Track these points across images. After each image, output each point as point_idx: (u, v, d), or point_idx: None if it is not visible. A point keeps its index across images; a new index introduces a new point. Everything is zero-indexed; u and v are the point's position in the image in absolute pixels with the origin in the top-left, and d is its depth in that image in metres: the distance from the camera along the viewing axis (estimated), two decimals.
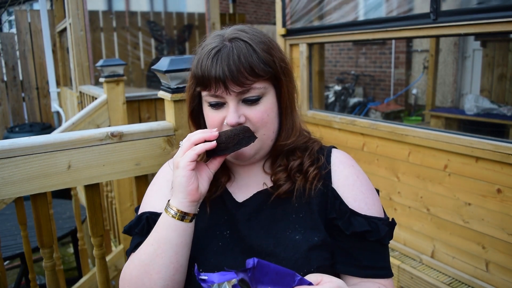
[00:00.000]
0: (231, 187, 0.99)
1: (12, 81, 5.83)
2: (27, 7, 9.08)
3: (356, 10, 2.82)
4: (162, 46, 5.05)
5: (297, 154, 0.96)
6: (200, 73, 0.87)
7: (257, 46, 0.87)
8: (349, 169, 0.97)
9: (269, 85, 0.90)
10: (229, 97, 0.87)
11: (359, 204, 0.92)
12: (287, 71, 0.93)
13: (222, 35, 0.90)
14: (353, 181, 0.95)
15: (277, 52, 0.91)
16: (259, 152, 0.93)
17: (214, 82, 0.85)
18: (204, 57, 0.87)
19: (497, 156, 1.88)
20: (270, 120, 0.91)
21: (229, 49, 0.86)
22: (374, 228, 0.89)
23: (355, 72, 7.18)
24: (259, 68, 0.86)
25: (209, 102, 0.90)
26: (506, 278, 1.94)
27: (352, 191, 0.93)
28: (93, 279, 2.46)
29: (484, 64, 4.39)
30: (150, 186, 1.06)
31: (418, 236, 2.35)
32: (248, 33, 0.89)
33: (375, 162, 2.54)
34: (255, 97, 0.88)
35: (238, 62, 0.84)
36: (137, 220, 0.98)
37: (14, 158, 1.15)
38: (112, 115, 2.93)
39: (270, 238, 0.89)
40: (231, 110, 0.87)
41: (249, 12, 10.67)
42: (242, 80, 0.84)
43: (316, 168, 0.94)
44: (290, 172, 0.94)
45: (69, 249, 4.14)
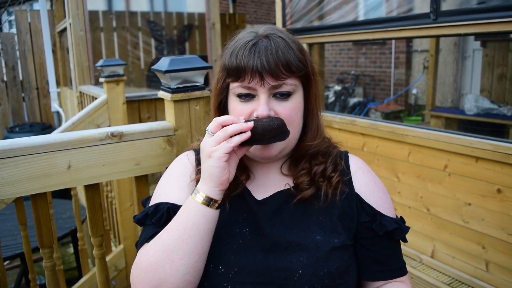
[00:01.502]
0: (250, 186, 0.99)
1: (12, 81, 5.83)
2: (27, 7, 9.08)
3: (356, 10, 2.82)
4: (162, 46, 5.05)
5: (319, 158, 0.97)
6: (234, 63, 0.88)
7: (292, 44, 0.90)
8: (368, 176, 0.99)
9: (299, 84, 0.92)
10: (261, 90, 0.87)
11: (378, 207, 0.96)
12: (315, 73, 0.95)
13: (256, 32, 0.91)
14: (373, 187, 0.98)
15: (307, 54, 0.94)
16: (283, 151, 0.94)
17: (250, 73, 0.86)
18: (241, 49, 0.88)
19: (497, 156, 1.88)
20: (297, 118, 0.92)
21: (266, 43, 0.87)
22: (399, 226, 0.94)
23: (355, 72, 7.18)
24: (294, 65, 0.88)
25: (239, 94, 0.90)
26: (506, 278, 1.94)
27: (373, 196, 0.96)
28: (93, 279, 2.46)
29: (484, 64, 4.39)
30: (165, 177, 1.04)
31: (418, 236, 2.35)
32: (282, 32, 0.92)
33: (375, 162, 2.54)
34: (286, 93, 0.89)
35: (276, 55, 0.86)
36: (154, 209, 0.95)
37: (14, 158, 1.15)
38: (112, 115, 2.93)
39: (293, 236, 0.90)
40: (262, 102, 0.87)
41: (249, 12, 10.67)
42: (278, 74, 0.86)
43: (339, 174, 0.96)
44: (314, 177, 0.95)
45: (69, 249, 4.14)
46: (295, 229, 0.91)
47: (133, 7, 4.94)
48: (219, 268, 0.88)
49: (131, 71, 4.85)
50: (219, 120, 0.84)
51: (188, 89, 1.34)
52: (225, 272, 0.87)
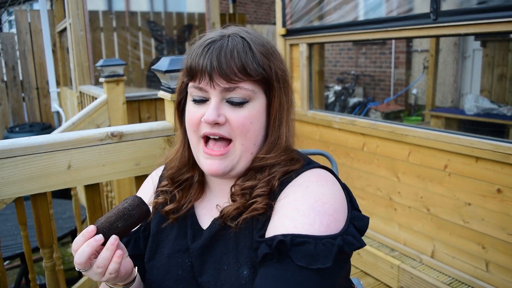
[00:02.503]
0: (198, 206, 0.93)
1: (12, 81, 5.83)
2: (27, 7, 9.08)
3: (356, 10, 2.82)
4: (162, 46, 5.05)
5: (264, 173, 0.83)
6: (189, 62, 0.83)
7: (254, 46, 0.82)
8: (297, 188, 0.80)
9: (259, 90, 0.83)
10: (212, 92, 0.80)
11: (282, 222, 0.75)
12: (283, 81, 0.85)
13: (224, 31, 0.86)
14: (294, 199, 0.78)
15: (277, 61, 0.85)
16: (235, 167, 0.83)
17: (200, 73, 0.80)
18: (196, 47, 0.83)
19: (497, 156, 1.88)
20: (252, 129, 0.82)
21: (223, 42, 0.81)
22: (274, 247, 0.71)
23: (355, 72, 7.18)
24: (251, 67, 0.79)
25: (193, 96, 0.84)
26: (506, 278, 1.94)
27: (284, 209, 0.77)
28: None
29: (484, 64, 4.38)
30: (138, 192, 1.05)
31: (418, 236, 2.35)
32: (251, 34, 0.85)
33: (375, 162, 2.54)
34: (241, 99, 0.80)
35: (229, 56, 0.79)
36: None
37: (14, 158, 1.15)
38: (112, 115, 2.93)
39: (221, 275, 0.82)
40: (212, 106, 0.80)
41: (249, 12, 10.67)
42: (230, 75, 0.78)
43: (264, 201, 0.80)
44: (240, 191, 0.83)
45: (69, 249, 4.14)
46: (224, 264, 0.83)
47: (133, 7, 4.94)
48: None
49: (131, 71, 4.85)
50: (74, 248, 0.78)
51: None
52: None
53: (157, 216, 0.95)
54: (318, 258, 0.70)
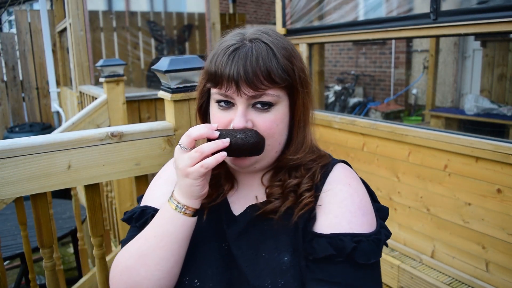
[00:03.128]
0: (232, 197, 0.96)
1: (12, 81, 5.83)
2: (27, 7, 9.08)
3: (356, 10, 2.83)
4: (162, 46, 5.05)
5: (300, 171, 0.90)
6: (213, 69, 0.83)
7: (278, 51, 0.82)
8: (342, 187, 0.87)
9: (283, 94, 0.85)
10: (239, 99, 0.82)
11: (339, 221, 0.82)
12: (306, 83, 0.88)
13: (243, 34, 0.85)
14: (343, 198, 0.85)
15: (298, 61, 0.87)
16: (259, 162, 0.88)
17: (227, 81, 0.81)
18: (220, 53, 0.82)
19: (497, 156, 1.88)
20: (278, 131, 0.86)
21: (248, 49, 0.81)
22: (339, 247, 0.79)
23: (355, 72, 7.18)
24: (276, 75, 0.81)
25: (218, 101, 0.85)
26: (506, 278, 1.94)
27: (338, 208, 0.84)
28: (93, 279, 2.46)
29: (484, 64, 4.39)
30: (157, 180, 1.03)
31: (418, 236, 2.35)
32: (271, 36, 0.85)
33: (375, 162, 2.54)
34: (267, 104, 0.83)
35: (255, 64, 0.80)
36: (140, 213, 0.95)
37: (14, 158, 1.15)
38: (112, 115, 2.93)
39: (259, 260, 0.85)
40: (239, 114, 0.82)
41: (249, 12, 10.67)
42: (257, 84, 0.80)
43: (311, 195, 0.86)
44: (284, 190, 0.88)
45: (69, 249, 4.14)
46: (263, 251, 0.86)
47: (133, 7, 4.95)
48: (195, 282, 0.87)
49: (131, 71, 4.85)
50: (192, 135, 0.80)
51: (188, 89, 1.34)
52: (200, 286, 0.86)
53: None
54: (371, 254, 0.80)
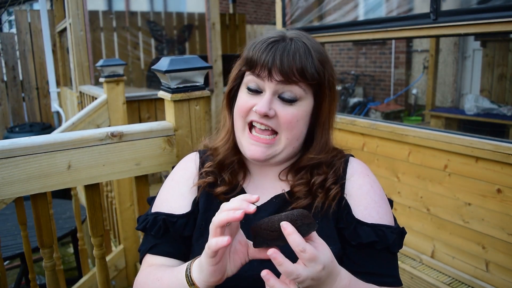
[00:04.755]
0: (248, 186, 0.99)
1: (12, 81, 5.83)
2: (27, 7, 9.08)
3: (356, 10, 2.83)
4: (162, 46, 5.05)
5: (322, 168, 0.94)
6: (250, 54, 0.88)
7: (314, 53, 0.88)
8: (363, 179, 0.96)
9: (310, 92, 0.90)
10: (268, 85, 0.87)
11: (369, 212, 0.91)
12: (333, 88, 0.93)
13: (284, 32, 0.91)
14: (367, 190, 0.94)
15: (329, 67, 0.92)
16: (276, 157, 0.91)
17: (261, 66, 0.86)
18: (259, 43, 0.88)
19: (497, 156, 1.88)
20: (297, 126, 0.89)
21: (287, 43, 0.87)
22: (381, 236, 0.88)
23: (355, 72, 7.18)
24: (309, 71, 0.86)
25: (248, 85, 0.90)
26: (506, 278, 1.94)
27: (365, 199, 0.92)
28: (93, 279, 2.46)
29: (484, 64, 4.38)
30: (169, 182, 1.04)
31: (418, 236, 2.35)
32: (309, 40, 0.91)
33: (375, 162, 2.54)
34: (292, 97, 0.87)
35: (292, 58, 0.85)
36: (152, 221, 0.97)
37: (14, 158, 1.15)
38: (112, 115, 2.93)
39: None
40: (265, 99, 0.86)
41: (249, 12, 10.67)
42: (289, 75, 0.85)
43: (338, 186, 0.93)
44: (312, 187, 0.92)
45: (69, 249, 4.14)
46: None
47: (133, 7, 4.95)
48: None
49: (131, 71, 4.85)
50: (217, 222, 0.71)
51: (188, 89, 1.34)
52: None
53: (204, 194, 0.99)
54: (397, 243, 0.90)
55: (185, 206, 0.98)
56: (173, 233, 0.96)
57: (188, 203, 0.99)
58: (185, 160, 1.08)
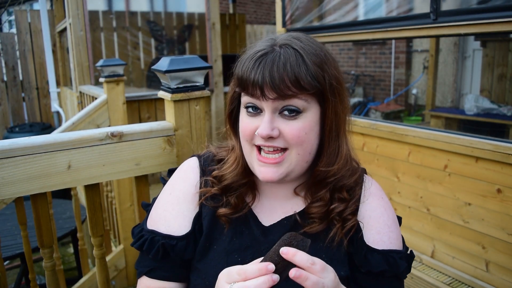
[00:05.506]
0: (256, 208, 0.94)
1: (12, 81, 5.83)
2: (27, 7, 9.08)
3: (356, 10, 2.83)
4: (162, 46, 5.05)
5: (343, 193, 0.89)
6: (240, 73, 0.82)
7: (308, 57, 0.80)
8: (377, 201, 0.93)
9: (313, 101, 0.82)
10: (265, 104, 0.80)
11: (381, 238, 0.89)
12: (338, 91, 0.84)
13: (274, 39, 0.84)
14: (381, 213, 0.91)
15: (331, 68, 0.84)
16: (290, 175, 0.85)
17: (251, 86, 0.79)
18: (248, 58, 0.82)
19: (497, 156, 1.88)
20: (307, 139, 0.82)
21: (276, 54, 0.79)
22: (392, 264, 0.86)
23: (355, 72, 7.18)
24: (305, 81, 0.78)
25: (246, 106, 0.84)
26: (506, 278, 1.94)
27: (378, 223, 0.90)
28: (93, 279, 2.46)
29: (484, 64, 4.38)
30: (167, 194, 0.98)
31: (418, 236, 2.35)
32: (302, 42, 0.83)
33: (375, 162, 2.54)
34: (294, 110, 0.80)
35: (282, 70, 0.77)
36: (150, 242, 0.92)
37: (14, 158, 1.15)
38: (112, 115, 2.93)
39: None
40: (265, 120, 0.80)
41: (249, 12, 10.67)
42: (283, 89, 0.77)
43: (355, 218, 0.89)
44: (329, 213, 0.88)
45: (69, 249, 4.14)
46: None
47: (133, 7, 4.95)
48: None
49: (131, 71, 4.86)
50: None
51: (188, 89, 1.34)
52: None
53: (208, 214, 0.93)
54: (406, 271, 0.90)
55: (185, 226, 0.93)
56: (173, 257, 0.92)
57: (188, 222, 0.93)
58: (184, 169, 1.00)
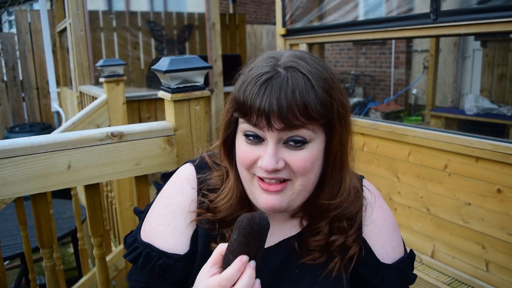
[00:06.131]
0: None
1: (12, 81, 5.83)
2: (27, 7, 9.08)
3: (356, 10, 2.83)
4: (162, 46, 5.06)
5: (342, 223, 0.85)
6: (242, 98, 0.74)
7: (316, 83, 0.73)
8: (376, 212, 0.89)
9: (320, 130, 0.76)
10: (269, 134, 0.73)
11: (385, 250, 0.88)
12: (345, 119, 0.79)
13: (276, 59, 0.76)
14: (381, 225, 0.89)
15: (338, 94, 0.77)
16: (292, 205, 0.80)
17: (256, 114, 0.72)
18: (251, 82, 0.73)
19: (497, 156, 1.88)
20: (312, 169, 0.77)
21: (283, 79, 0.72)
22: (404, 276, 0.88)
23: (355, 72, 7.18)
24: (315, 110, 0.72)
25: (246, 133, 0.77)
26: (506, 278, 1.94)
27: (380, 237, 0.88)
28: (93, 279, 2.46)
29: (484, 64, 4.39)
30: (161, 207, 0.92)
31: (418, 236, 2.35)
32: (309, 64, 0.75)
33: (375, 162, 2.54)
34: (301, 141, 0.74)
35: (291, 97, 0.70)
36: (145, 258, 0.87)
37: (14, 158, 1.15)
38: (112, 115, 2.93)
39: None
40: (269, 152, 0.74)
41: (249, 12, 10.67)
42: (291, 119, 0.71)
43: (357, 245, 0.86)
44: (329, 245, 0.84)
45: (69, 249, 4.14)
46: (302, 285, 0.85)
47: (133, 7, 4.95)
48: None
49: (131, 71, 4.86)
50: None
51: (188, 89, 1.34)
52: None
53: (204, 233, 0.88)
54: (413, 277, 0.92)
55: (182, 243, 0.87)
56: (168, 277, 0.88)
57: (186, 240, 0.88)
58: (180, 182, 0.93)
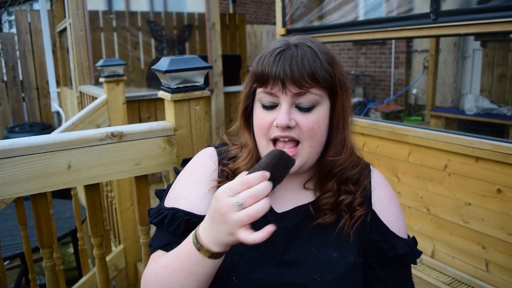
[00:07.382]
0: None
1: (12, 81, 5.83)
2: (27, 7, 9.08)
3: (356, 10, 2.83)
4: (162, 46, 5.06)
5: (349, 185, 0.94)
6: (260, 69, 0.88)
7: (321, 55, 0.88)
8: (384, 191, 0.98)
9: (325, 95, 0.89)
10: (283, 98, 0.86)
11: (391, 226, 0.94)
12: (345, 87, 0.92)
13: (287, 40, 0.91)
14: (388, 203, 0.97)
15: (338, 66, 0.91)
16: (303, 166, 0.91)
17: (273, 79, 0.85)
18: (267, 55, 0.88)
19: (497, 156, 1.88)
20: (319, 132, 0.89)
21: (293, 51, 0.86)
22: (411, 251, 0.93)
23: (355, 72, 7.18)
24: (320, 75, 0.85)
25: (262, 102, 0.89)
26: (506, 278, 1.94)
27: (387, 213, 0.96)
28: (93, 279, 2.46)
29: (484, 64, 4.38)
30: (186, 177, 1.00)
31: (418, 236, 2.35)
32: (314, 43, 0.91)
33: (375, 162, 2.54)
34: (309, 104, 0.87)
35: (300, 64, 0.85)
36: (171, 218, 0.93)
37: (14, 158, 1.15)
38: (112, 115, 2.93)
39: (309, 253, 0.90)
40: (283, 111, 0.85)
41: (249, 12, 10.67)
42: (302, 82, 0.84)
43: (364, 208, 0.93)
44: (338, 205, 0.92)
45: (69, 249, 4.14)
46: (312, 246, 0.91)
47: (133, 7, 4.95)
48: (233, 279, 0.88)
49: (131, 71, 4.86)
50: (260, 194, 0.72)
51: (188, 89, 1.34)
52: (238, 284, 0.87)
53: None
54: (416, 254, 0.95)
55: (205, 205, 0.94)
56: None
57: (208, 203, 0.94)
58: (203, 156, 1.03)
